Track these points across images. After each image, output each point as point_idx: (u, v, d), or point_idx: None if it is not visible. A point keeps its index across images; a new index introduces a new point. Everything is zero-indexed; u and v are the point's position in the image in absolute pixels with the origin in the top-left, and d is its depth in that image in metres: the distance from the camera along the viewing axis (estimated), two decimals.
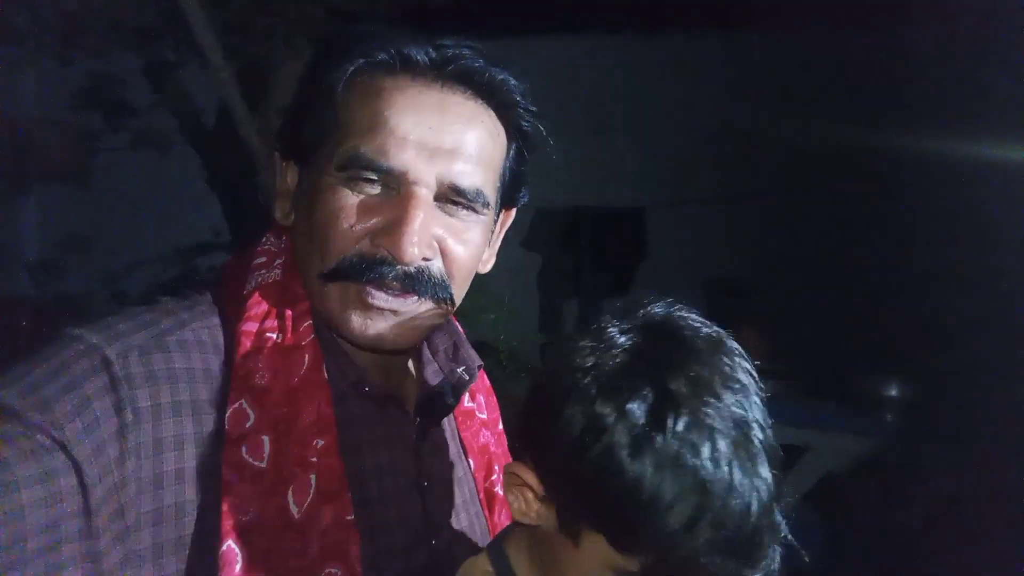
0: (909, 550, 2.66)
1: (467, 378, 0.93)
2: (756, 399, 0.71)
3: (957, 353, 3.18)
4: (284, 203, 0.89)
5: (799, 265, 4.38)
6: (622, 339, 0.72)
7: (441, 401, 0.92)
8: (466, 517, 0.94)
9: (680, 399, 0.67)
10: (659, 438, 0.66)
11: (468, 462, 0.98)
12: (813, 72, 4.22)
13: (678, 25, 4.46)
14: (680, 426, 0.66)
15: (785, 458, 0.72)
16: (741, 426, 0.68)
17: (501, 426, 1.08)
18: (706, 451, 0.66)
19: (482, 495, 0.98)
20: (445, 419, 0.95)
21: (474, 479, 0.98)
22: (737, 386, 0.70)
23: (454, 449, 0.96)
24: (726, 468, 0.66)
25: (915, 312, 3.50)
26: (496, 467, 1.01)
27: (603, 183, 4.91)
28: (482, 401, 1.03)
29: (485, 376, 1.07)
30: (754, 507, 0.66)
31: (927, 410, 3.22)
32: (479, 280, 0.94)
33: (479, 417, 1.01)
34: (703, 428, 0.66)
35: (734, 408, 0.68)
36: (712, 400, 0.68)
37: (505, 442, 1.08)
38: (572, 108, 4.12)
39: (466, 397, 0.99)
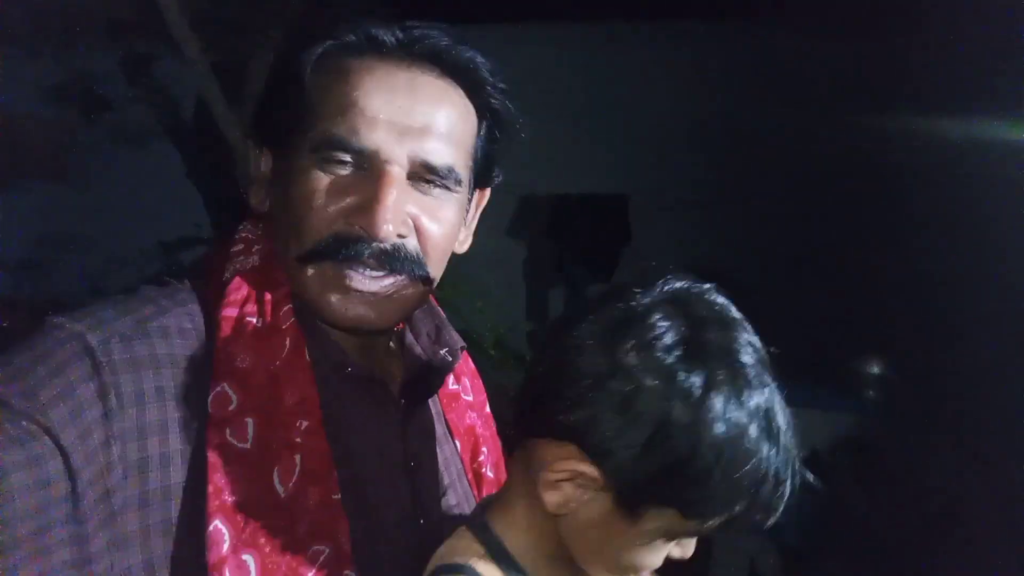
0: (895, 531, 2.69)
1: (450, 359, 0.94)
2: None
3: (950, 342, 3.20)
4: (259, 190, 0.90)
5: (787, 252, 4.40)
6: (671, 333, 0.71)
7: (425, 383, 0.93)
8: (455, 497, 0.95)
9: (751, 384, 0.71)
10: (741, 424, 0.69)
11: (454, 443, 0.99)
12: (806, 67, 4.22)
13: (670, 15, 4.45)
14: (753, 403, 0.70)
15: None
16: (772, 382, 0.74)
17: (488, 409, 1.09)
18: (771, 418, 0.71)
19: (470, 475, 0.99)
20: (430, 401, 0.96)
21: (461, 460, 0.99)
22: (761, 348, 0.75)
23: (440, 431, 0.97)
24: (779, 428, 0.72)
25: (904, 298, 3.53)
26: (484, 448, 1.02)
27: (588, 171, 4.92)
28: (467, 383, 1.04)
29: (469, 359, 1.08)
30: (794, 455, 0.73)
31: (912, 391, 3.26)
32: (464, 268, 0.94)
33: (464, 399, 1.02)
34: (766, 396, 0.72)
35: (767, 371, 0.74)
36: (764, 372, 0.73)
37: (493, 424, 1.09)
38: (558, 95, 4.10)
39: (451, 379, 0.99)
